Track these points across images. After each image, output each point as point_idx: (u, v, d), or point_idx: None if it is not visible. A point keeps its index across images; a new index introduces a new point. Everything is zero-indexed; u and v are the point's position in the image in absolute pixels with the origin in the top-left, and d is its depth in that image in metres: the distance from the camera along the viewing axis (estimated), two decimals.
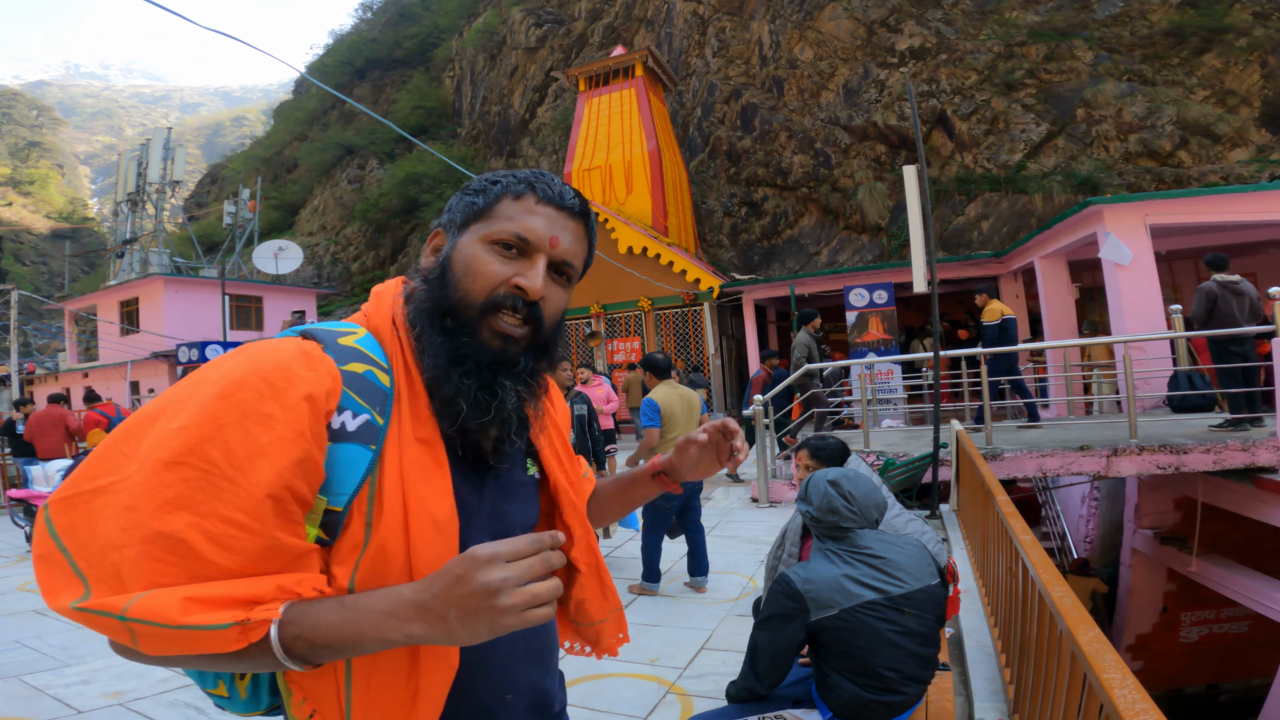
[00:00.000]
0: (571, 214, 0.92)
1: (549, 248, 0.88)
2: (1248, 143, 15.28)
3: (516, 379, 0.87)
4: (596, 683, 3.43)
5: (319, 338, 0.83)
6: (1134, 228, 9.48)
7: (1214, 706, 8.14)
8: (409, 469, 0.80)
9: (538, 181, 0.91)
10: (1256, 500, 6.00)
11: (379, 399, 0.81)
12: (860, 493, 2.16)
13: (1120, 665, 1.15)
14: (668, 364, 4.81)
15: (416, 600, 0.70)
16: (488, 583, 0.66)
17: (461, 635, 0.69)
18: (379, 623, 0.70)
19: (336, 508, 0.77)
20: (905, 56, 19.09)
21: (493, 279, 0.85)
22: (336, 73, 41.67)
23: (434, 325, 0.85)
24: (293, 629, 0.70)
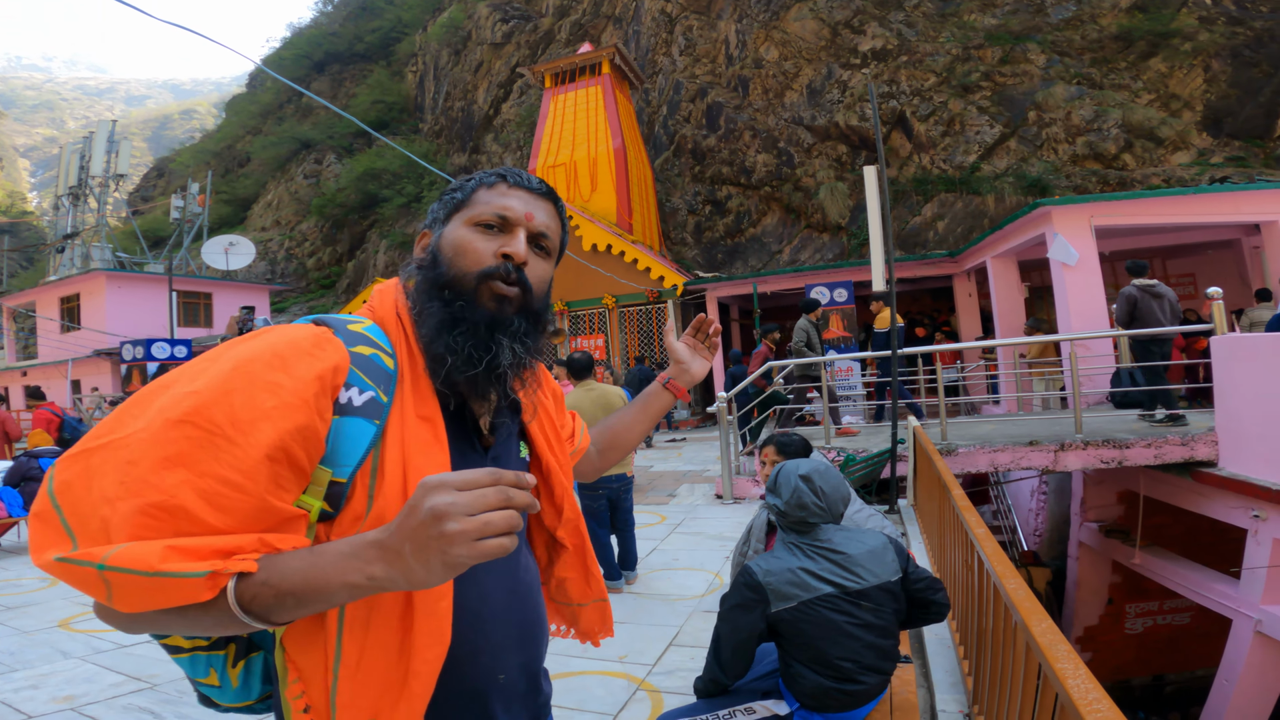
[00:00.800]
0: (541, 195, 1.02)
1: (526, 221, 0.98)
2: (1189, 146, 15.92)
3: (512, 337, 0.93)
4: (566, 680, 3.45)
5: (330, 323, 0.89)
6: (1080, 229, 9.79)
7: (1160, 697, 8.33)
8: (410, 443, 0.84)
9: (507, 172, 1.02)
10: (1195, 494, 6.23)
11: (384, 379, 0.86)
12: (829, 487, 2.19)
13: (1073, 656, 1.21)
14: (586, 365, 4.88)
15: (376, 540, 0.70)
16: (433, 507, 0.66)
17: (418, 572, 0.67)
18: (342, 565, 0.70)
19: (341, 479, 0.80)
20: (867, 57, 19.41)
21: (481, 252, 0.94)
22: (293, 66, 40.53)
23: (432, 298, 0.92)
24: (260, 575, 0.70)
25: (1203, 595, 6.29)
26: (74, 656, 3.94)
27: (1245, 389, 5.65)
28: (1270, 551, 5.27)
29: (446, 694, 0.85)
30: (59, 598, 5.14)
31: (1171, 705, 8.10)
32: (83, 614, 4.72)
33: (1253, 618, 5.44)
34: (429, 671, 0.80)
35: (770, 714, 2.10)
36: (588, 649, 3.81)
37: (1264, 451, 5.43)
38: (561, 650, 3.81)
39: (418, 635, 0.79)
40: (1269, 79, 15.61)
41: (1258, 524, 5.39)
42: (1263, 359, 5.47)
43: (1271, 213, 9.94)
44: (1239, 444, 5.76)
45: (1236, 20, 16.40)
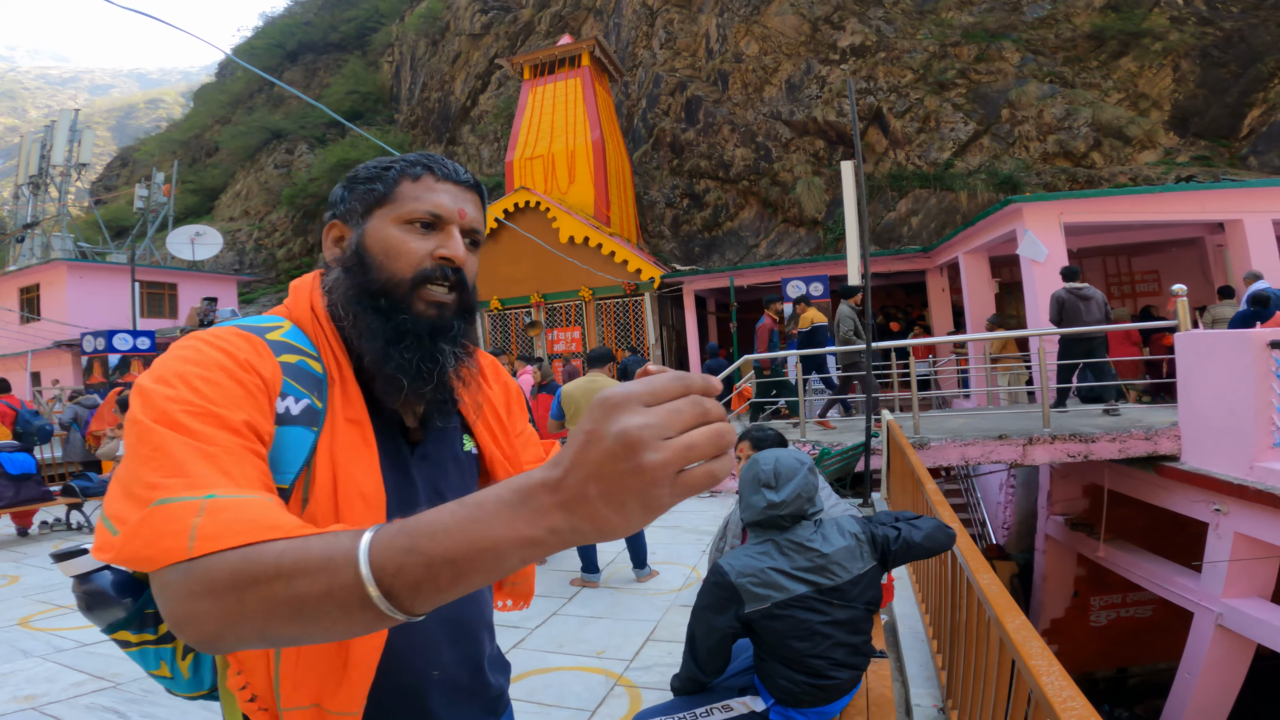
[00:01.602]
0: (468, 187, 0.97)
1: (459, 219, 0.93)
2: (1156, 145, 16.25)
3: (453, 343, 0.92)
4: (543, 676, 3.44)
5: (253, 332, 0.84)
6: (1049, 226, 9.95)
7: (1123, 690, 8.44)
8: (339, 447, 0.83)
9: (431, 162, 0.95)
10: (1158, 487, 6.36)
11: (315, 385, 0.85)
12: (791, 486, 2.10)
13: (1046, 653, 1.23)
14: (600, 358, 4.89)
15: (548, 480, 0.52)
16: (624, 431, 0.49)
17: (611, 519, 0.51)
18: (509, 516, 0.53)
19: (283, 485, 0.79)
20: (846, 54, 19.51)
21: (416, 255, 0.89)
22: (265, 56, 39.73)
23: (367, 308, 0.88)
24: (401, 540, 0.54)
25: (1165, 588, 6.38)
26: (34, 655, 3.83)
27: (1207, 384, 5.76)
28: (1231, 545, 5.37)
29: (381, 690, 0.86)
30: (18, 595, 5.00)
31: (1135, 698, 8.18)
32: (42, 612, 4.60)
33: (1214, 611, 5.53)
34: (368, 661, 0.81)
35: (746, 711, 2.11)
36: (565, 645, 3.81)
37: (1225, 446, 5.54)
38: (538, 646, 3.81)
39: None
40: (1236, 79, 15.97)
41: (1219, 518, 5.50)
42: (1224, 355, 5.57)
43: (1235, 211, 10.18)
44: (1201, 438, 5.87)
45: (1207, 20, 16.73)
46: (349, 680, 0.80)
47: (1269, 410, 5.16)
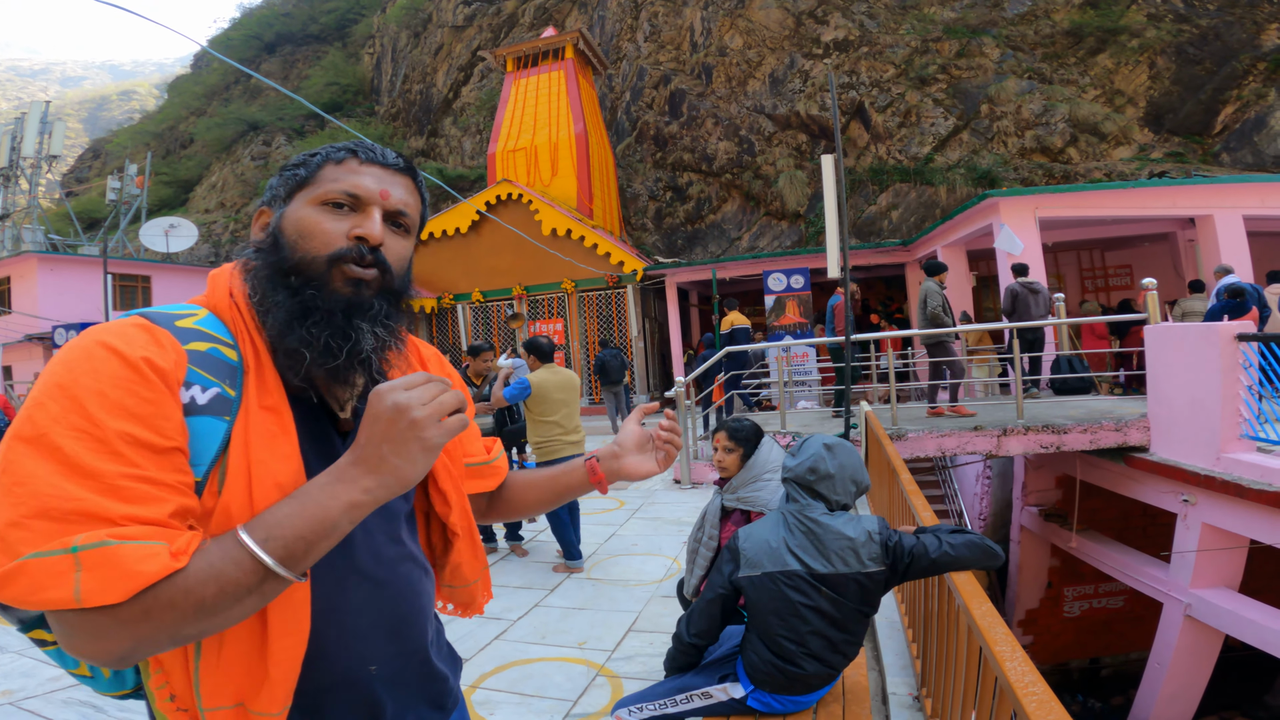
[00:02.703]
0: (398, 170, 0.95)
1: (381, 200, 0.91)
2: (1131, 141, 16.50)
3: (373, 321, 0.88)
4: (525, 667, 3.46)
5: (156, 319, 0.81)
6: (1025, 220, 10.08)
7: (1096, 680, 8.50)
8: (254, 435, 0.81)
9: (359, 147, 0.94)
10: (1128, 478, 6.44)
11: (227, 373, 0.82)
12: (848, 464, 2.19)
13: (1011, 639, 1.26)
14: (550, 349, 4.99)
15: (353, 458, 0.76)
16: (395, 402, 0.75)
17: (404, 467, 0.76)
18: (333, 491, 0.75)
19: (198, 477, 0.78)
20: (830, 48, 19.57)
21: (330, 234, 0.87)
22: (242, 47, 39.14)
23: (277, 285, 0.86)
24: (258, 534, 0.72)
25: (1135, 579, 6.46)
26: (10, 650, 3.80)
27: (1176, 376, 5.86)
28: (1199, 535, 5.46)
29: (319, 683, 0.86)
30: None
31: (1108, 688, 8.23)
32: None
33: (1182, 601, 5.61)
34: (289, 660, 0.80)
35: (726, 698, 2.15)
36: (547, 636, 3.83)
37: (1193, 437, 5.63)
38: (520, 637, 3.83)
39: (273, 625, 0.79)
40: (1211, 76, 16.23)
41: (1187, 508, 5.59)
42: (1192, 348, 5.67)
43: (1206, 207, 10.38)
44: (1170, 429, 5.97)
45: (1183, 18, 16.97)
46: (271, 680, 0.79)
47: (1236, 401, 5.27)
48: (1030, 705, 1.05)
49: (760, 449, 2.76)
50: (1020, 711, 1.06)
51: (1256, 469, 4.94)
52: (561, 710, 3.02)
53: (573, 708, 3.04)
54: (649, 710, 2.24)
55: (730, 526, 2.75)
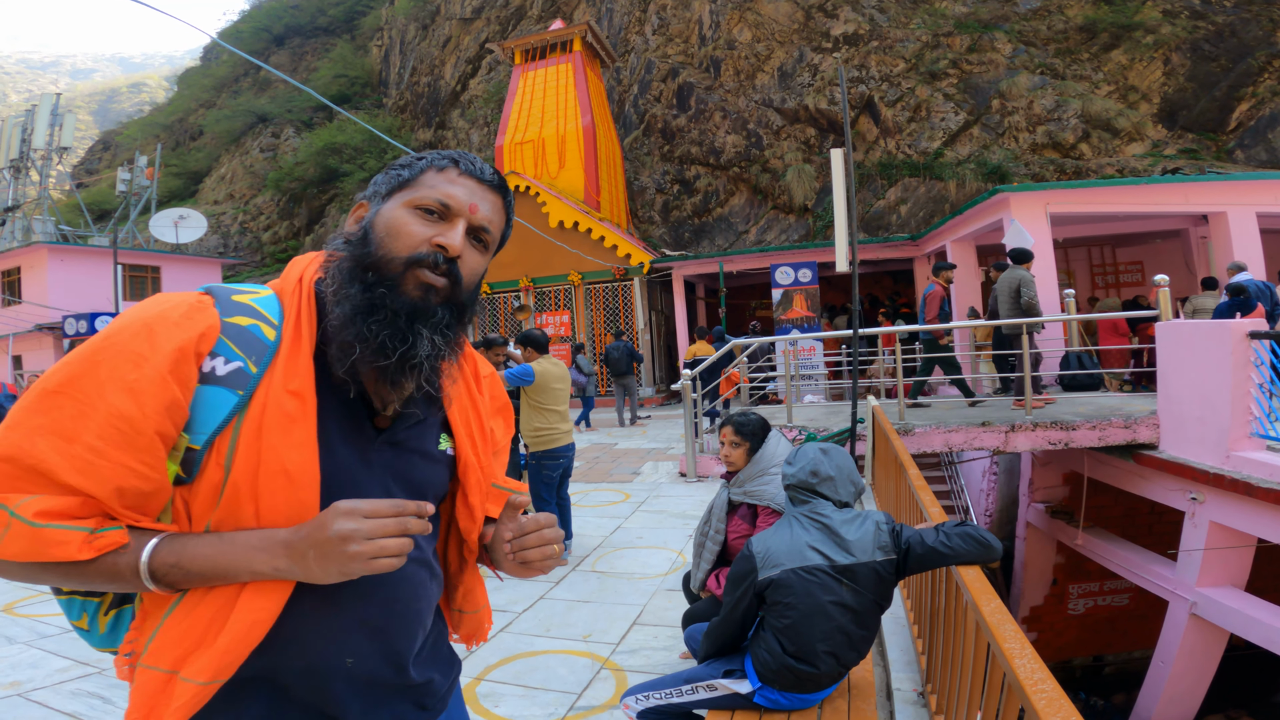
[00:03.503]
0: (491, 187, 0.98)
1: (469, 213, 0.94)
2: (1144, 137, 16.34)
3: (434, 329, 0.90)
4: (529, 660, 3.46)
5: (214, 292, 0.88)
6: (1036, 215, 9.99)
7: (1100, 678, 8.44)
8: (270, 418, 0.83)
9: (461, 158, 0.97)
10: (1136, 475, 6.39)
11: (258, 350, 0.85)
12: (845, 465, 2.27)
13: (1020, 636, 1.26)
14: (545, 340, 5.09)
15: (287, 540, 0.80)
16: (339, 530, 0.78)
17: (316, 573, 0.80)
18: (251, 555, 0.80)
19: (196, 446, 0.81)
20: (839, 42, 19.45)
21: (415, 237, 0.90)
22: (252, 40, 39.39)
23: (354, 279, 0.88)
24: (170, 557, 0.78)
25: (1141, 576, 6.42)
26: (19, 642, 3.82)
27: (1186, 374, 5.81)
28: (1206, 534, 5.41)
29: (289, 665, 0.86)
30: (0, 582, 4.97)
31: (1110, 686, 8.18)
32: (26, 599, 4.58)
33: (1188, 600, 5.57)
34: (243, 635, 0.81)
35: (730, 692, 2.15)
36: (551, 629, 3.84)
37: (1202, 435, 5.59)
38: (525, 630, 3.84)
39: (244, 599, 0.82)
40: (1226, 73, 16.05)
41: (1195, 506, 5.54)
42: (1202, 345, 5.62)
43: (1219, 204, 10.27)
44: (1179, 427, 5.92)
45: (1199, 14, 16.78)
46: (216, 649, 0.80)
47: (1246, 399, 5.23)
48: (1040, 703, 1.04)
49: (767, 443, 2.76)
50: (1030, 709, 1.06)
51: (1266, 468, 4.90)
52: (566, 703, 3.03)
53: (577, 700, 3.04)
54: (655, 699, 2.25)
55: (737, 520, 2.75)
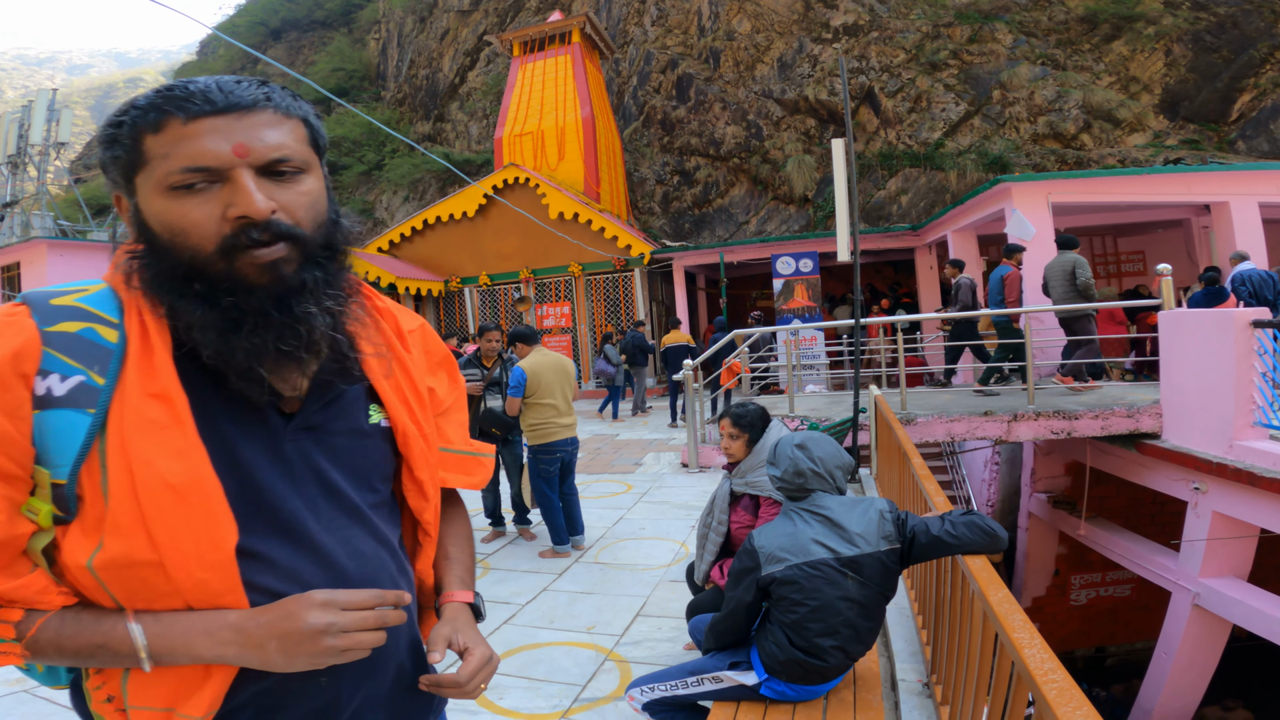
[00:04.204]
0: (244, 108, 0.74)
1: (239, 159, 0.72)
2: (1145, 128, 16.29)
3: (314, 298, 0.76)
4: (533, 652, 3.47)
5: (29, 299, 0.74)
6: (1038, 205, 9.93)
7: (1102, 669, 8.43)
8: (130, 428, 0.70)
9: (169, 101, 0.73)
10: (1138, 465, 6.38)
11: (100, 357, 0.71)
12: (826, 454, 2.25)
13: (1028, 625, 1.25)
14: (533, 333, 5.02)
15: (239, 625, 0.72)
16: (313, 624, 0.72)
17: (277, 662, 0.72)
18: (193, 639, 0.72)
19: (61, 480, 0.69)
20: (839, 32, 19.37)
21: (207, 225, 0.72)
22: (248, 34, 39.24)
23: (182, 294, 0.73)
24: (54, 637, 0.71)
25: (1143, 567, 6.41)
26: None
27: (1189, 363, 5.79)
28: (1209, 524, 5.40)
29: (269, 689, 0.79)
30: None
31: (1112, 677, 8.18)
32: None
33: (1191, 590, 5.56)
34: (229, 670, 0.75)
35: (736, 684, 2.15)
36: (555, 620, 3.84)
37: (1205, 424, 5.57)
38: (529, 622, 3.85)
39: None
40: (1228, 64, 15.99)
41: (1198, 496, 5.53)
42: (1206, 334, 5.60)
43: (1222, 194, 10.22)
44: (1182, 416, 5.91)
45: (1201, 5, 16.71)
46: (209, 685, 0.75)
47: (1249, 389, 5.21)
48: (1051, 693, 1.03)
49: (768, 433, 2.75)
50: (1040, 699, 1.05)
51: (1269, 457, 4.89)
52: (570, 694, 3.04)
53: (582, 692, 3.05)
54: (660, 691, 2.26)
55: (739, 511, 2.74)
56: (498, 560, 4.98)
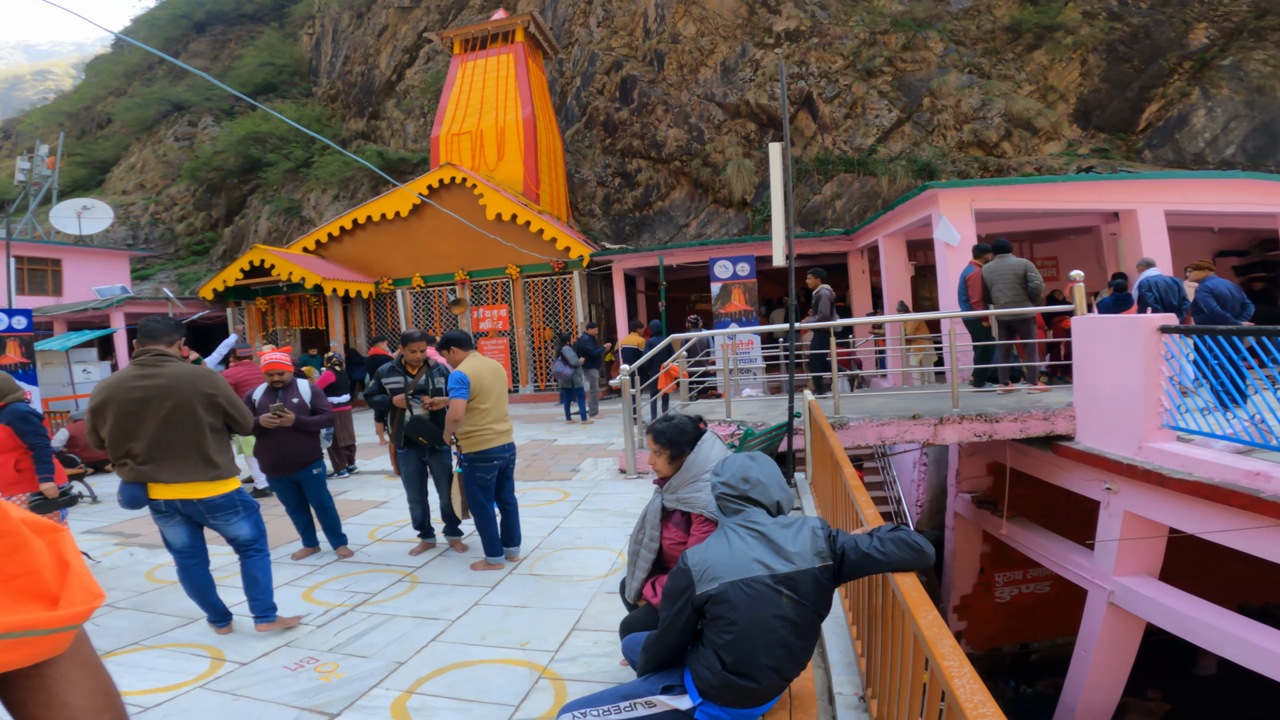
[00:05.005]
0: None
1: None
2: (1061, 137, 17.11)
3: None
4: (464, 670, 3.33)
5: None
6: (962, 212, 10.24)
7: (1027, 664, 8.69)
8: None
9: None
10: (1055, 466, 6.62)
11: None
12: (773, 478, 2.24)
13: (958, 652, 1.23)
14: (467, 337, 4.88)
15: None
16: None
17: None
18: None
19: None
20: (781, 38, 19.70)
21: None
22: (169, 26, 37.38)
23: None
24: None
25: (1061, 565, 6.64)
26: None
27: (1100, 367, 6.03)
28: (1121, 523, 5.64)
29: None
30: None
31: (1037, 673, 8.43)
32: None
33: (1106, 588, 5.79)
34: None
35: (669, 709, 2.09)
36: (487, 636, 3.71)
37: (1116, 426, 5.82)
38: (459, 639, 3.70)
39: None
40: (1139, 74, 16.92)
41: (1110, 496, 5.77)
42: (1116, 339, 5.84)
43: (1130, 202, 10.77)
44: (1094, 419, 6.16)
45: (1116, 15, 17.61)
46: None
47: (1157, 392, 5.46)
48: None
49: (700, 447, 2.69)
50: None
51: (1177, 458, 5.12)
52: (503, 715, 2.92)
53: (515, 713, 2.94)
54: (593, 717, 2.18)
55: (671, 527, 2.69)
56: (427, 574, 4.80)
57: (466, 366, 4.62)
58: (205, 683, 3.33)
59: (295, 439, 4.92)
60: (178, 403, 3.40)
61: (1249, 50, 16.39)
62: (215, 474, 3.52)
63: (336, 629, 3.92)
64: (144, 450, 3.41)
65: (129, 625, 4.12)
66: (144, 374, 3.42)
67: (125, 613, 4.33)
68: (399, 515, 6.26)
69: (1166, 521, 5.30)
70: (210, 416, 3.52)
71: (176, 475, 3.42)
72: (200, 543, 3.75)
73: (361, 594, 4.46)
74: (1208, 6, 16.96)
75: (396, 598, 4.37)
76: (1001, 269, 7.62)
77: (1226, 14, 16.87)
